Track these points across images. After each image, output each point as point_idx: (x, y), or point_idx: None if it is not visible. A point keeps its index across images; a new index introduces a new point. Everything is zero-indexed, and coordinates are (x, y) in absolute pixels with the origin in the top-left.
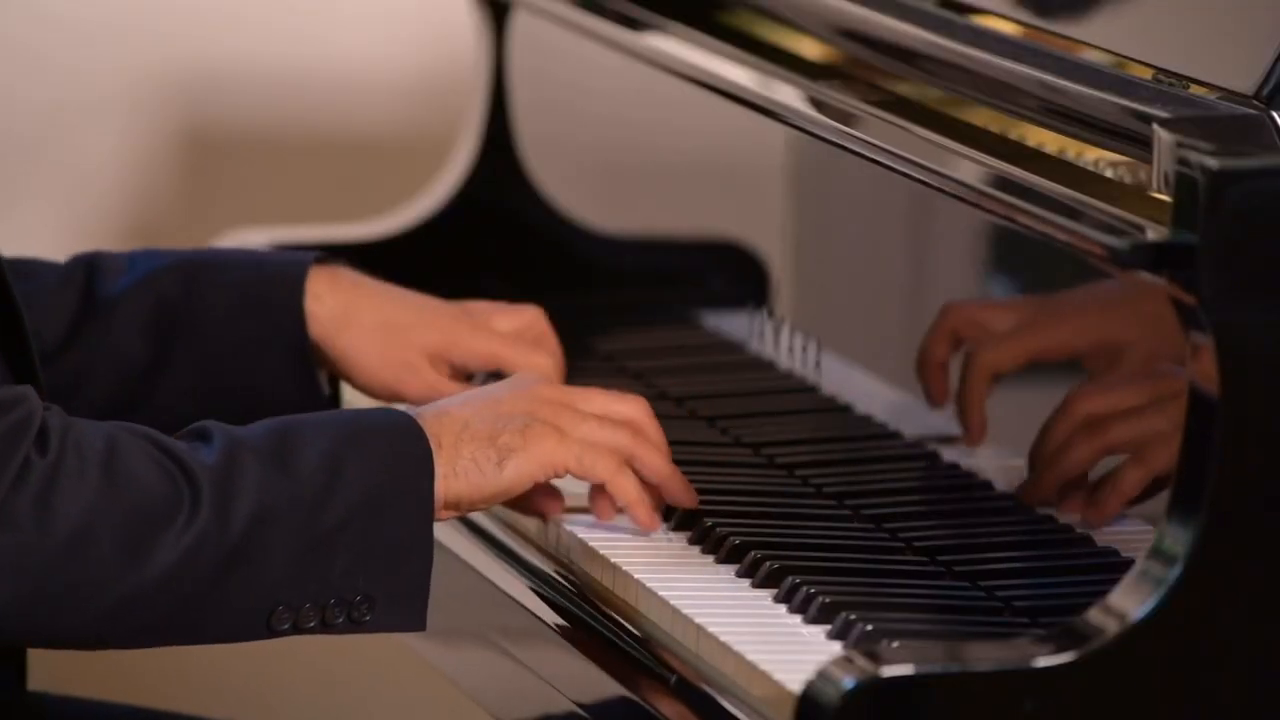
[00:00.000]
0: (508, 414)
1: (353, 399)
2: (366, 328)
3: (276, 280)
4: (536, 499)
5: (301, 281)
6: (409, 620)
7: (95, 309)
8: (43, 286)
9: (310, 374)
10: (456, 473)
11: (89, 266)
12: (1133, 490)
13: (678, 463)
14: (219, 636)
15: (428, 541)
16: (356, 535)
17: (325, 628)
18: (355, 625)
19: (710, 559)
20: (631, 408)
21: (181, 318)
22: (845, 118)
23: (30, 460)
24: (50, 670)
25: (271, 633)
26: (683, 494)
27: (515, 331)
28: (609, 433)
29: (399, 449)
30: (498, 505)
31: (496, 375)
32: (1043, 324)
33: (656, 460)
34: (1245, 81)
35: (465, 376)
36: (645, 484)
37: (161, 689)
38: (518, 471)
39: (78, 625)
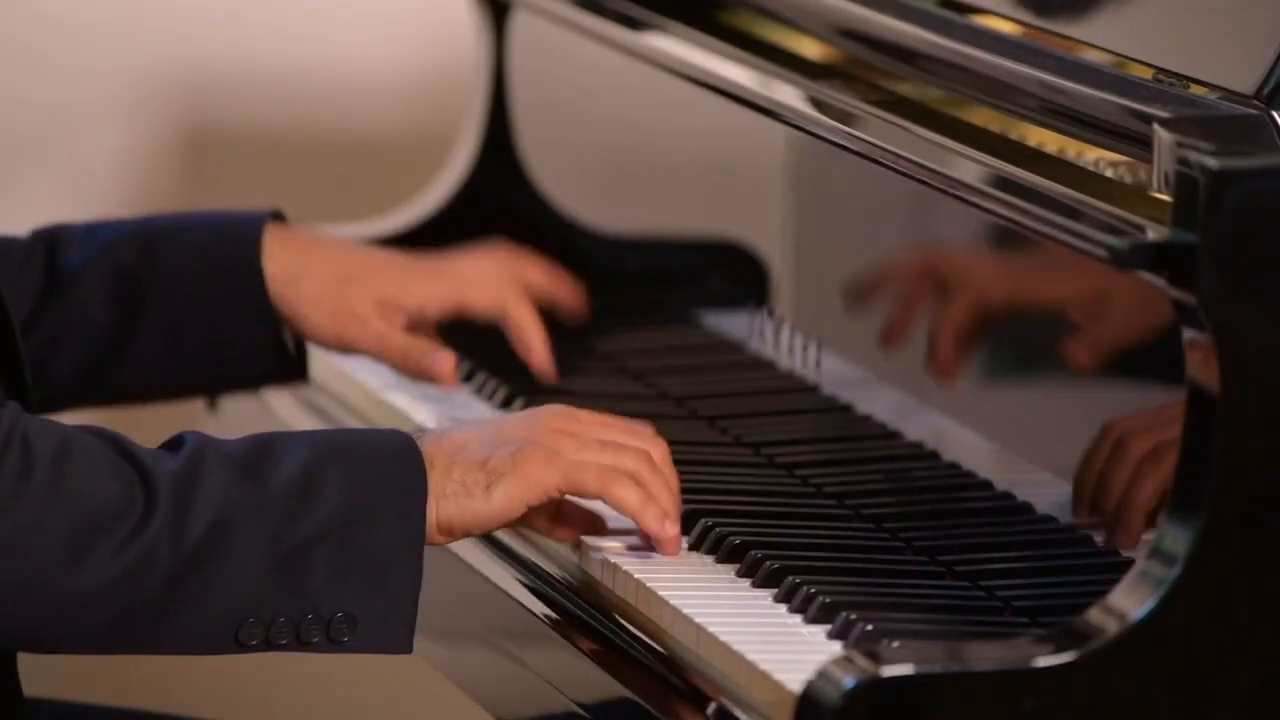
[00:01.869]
0: (507, 439)
1: (316, 351)
2: (317, 281)
3: (233, 241)
4: (558, 524)
5: (257, 241)
6: (391, 642)
7: (59, 283)
8: (6, 264)
9: (275, 331)
10: (446, 494)
11: (50, 241)
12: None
13: (678, 462)
14: (182, 646)
15: (416, 562)
16: (334, 550)
17: (301, 645)
18: (334, 644)
19: (710, 559)
20: (646, 441)
21: (143, 285)
22: (845, 118)
23: None
24: (45, 675)
25: (241, 647)
26: (659, 526)
27: (481, 276)
28: (609, 456)
29: (388, 466)
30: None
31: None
32: (1026, 274)
33: (662, 492)
34: (1245, 81)
35: (440, 328)
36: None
37: (157, 691)
38: (506, 495)
39: (16, 624)
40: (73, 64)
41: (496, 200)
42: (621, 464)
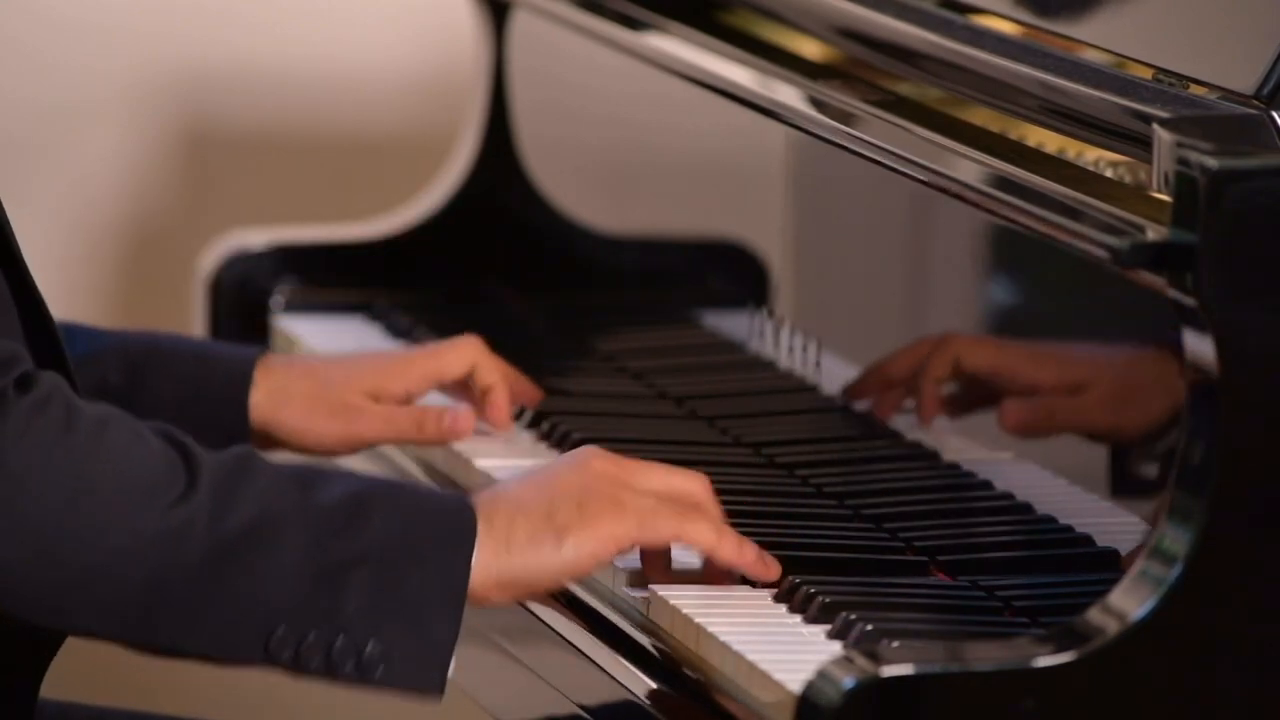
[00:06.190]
0: (563, 492)
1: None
2: (303, 396)
3: (222, 375)
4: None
5: (249, 377)
6: (423, 686)
7: None
8: None
9: None
10: (510, 549)
11: None
12: None
13: (678, 462)
14: (210, 646)
15: (455, 612)
16: (373, 576)
17: (330, 670)
18: (363, 677)
19: None
20: (691, 484)
21: (122, 404)
22: (845, 118)
23: (7, 394)
24: (54, 676)
25: (269, 658)
26: (759, 567)
27: (451, 348)
28: (667, 501)
29: (439, 513)
30: None
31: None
32: (1027, 354)
33: (717, 521)
34: (1245, 81)
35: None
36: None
37: (162, 690)
38: (578, 550)
39: (43, 586)
40: (73, 64)
41: (496, 200)
42: (681, 504)
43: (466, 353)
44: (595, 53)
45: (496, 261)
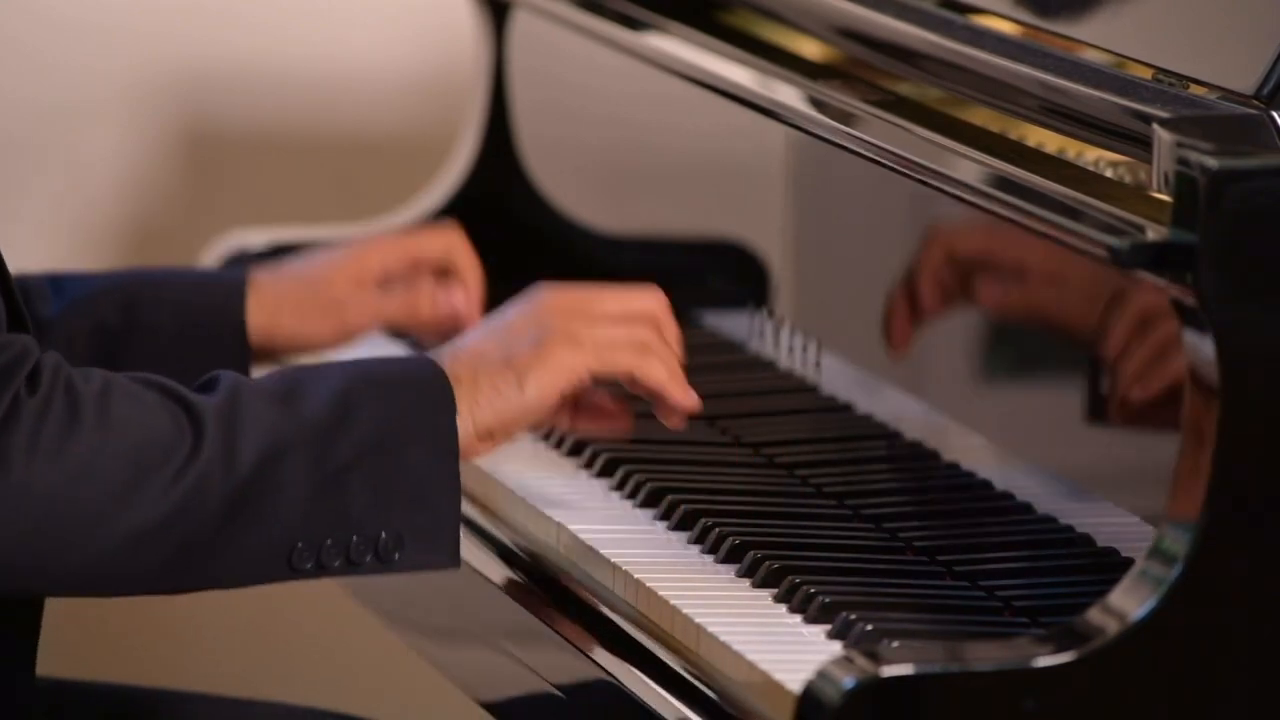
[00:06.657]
0: (519, 334)
1: None
2: (293, 302)
3: (218, 296)
4: (592, 416)
5: (243, 296)
6: (439, 557)
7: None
8: None
9: None
10: (479, 403)
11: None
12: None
13: (678, 461)
14: (240, 577)
15: (453, 478)
16: (372, 471)
17: (352, 566)
18: (384, 564)
19: (710, 559)
20: (646, 301)
21: (121, 343)
22: (845, 118)
23: (20, 398)
24: (57, 654)
25: (295, 572)
26: (685, 396)
27: (426, 230)
28: (625, 330)
29: (415, 389)
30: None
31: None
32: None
33: (671, 359)
34: (1245, 81)
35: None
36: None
37: (165, 671)
38: (539, 388)
39: (80, 566)
40: (73, 64)
41: (496, 200)
42: (639, 336)
43: (445, 235)
44: (595, 53)
45: (496, 261)
